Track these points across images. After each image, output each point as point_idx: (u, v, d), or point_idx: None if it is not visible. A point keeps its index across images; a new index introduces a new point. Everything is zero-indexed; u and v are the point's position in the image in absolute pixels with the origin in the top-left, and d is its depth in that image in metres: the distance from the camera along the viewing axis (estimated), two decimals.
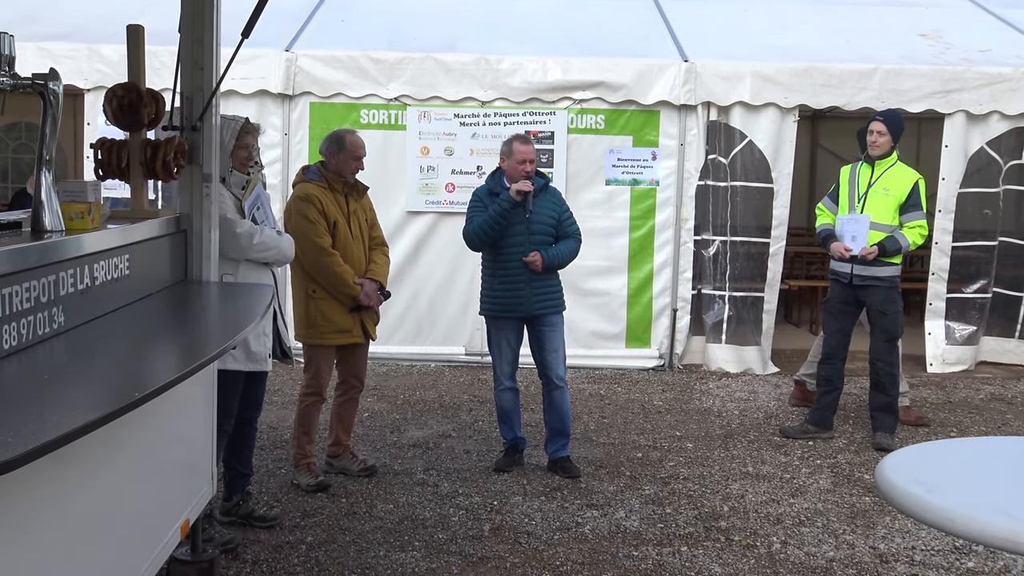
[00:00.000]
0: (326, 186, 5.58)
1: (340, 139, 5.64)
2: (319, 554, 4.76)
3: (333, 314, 5.58)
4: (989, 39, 9.44)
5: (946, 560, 4.87)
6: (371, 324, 5.78)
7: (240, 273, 4.79)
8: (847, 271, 6.66)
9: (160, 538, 3.65)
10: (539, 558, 4.78)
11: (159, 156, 4.21)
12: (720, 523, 5.30)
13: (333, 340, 5.64)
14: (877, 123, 6.67)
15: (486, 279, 6.06)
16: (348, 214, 5.64)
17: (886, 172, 6.63)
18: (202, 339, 3.65)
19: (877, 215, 6.57)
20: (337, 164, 5.60)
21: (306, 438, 5.70)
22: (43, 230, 3.34)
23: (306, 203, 5.50)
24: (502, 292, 5.95)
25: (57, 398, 2.52)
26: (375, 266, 5.76)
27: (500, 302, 5.98)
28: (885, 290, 6.61)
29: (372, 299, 5.65)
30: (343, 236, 5.58)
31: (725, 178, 8.82)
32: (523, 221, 5.86)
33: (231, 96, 8.31)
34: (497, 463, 6.10)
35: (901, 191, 6.57)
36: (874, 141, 6.63)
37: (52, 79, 3.42)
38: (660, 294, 8.85)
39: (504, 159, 5.95)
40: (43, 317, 3.00)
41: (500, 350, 6.05)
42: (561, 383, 6.06)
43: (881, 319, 6.64)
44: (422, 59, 8.63)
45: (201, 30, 4.35)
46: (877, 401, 6.76)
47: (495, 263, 5.96)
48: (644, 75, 8.60)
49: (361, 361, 5.88)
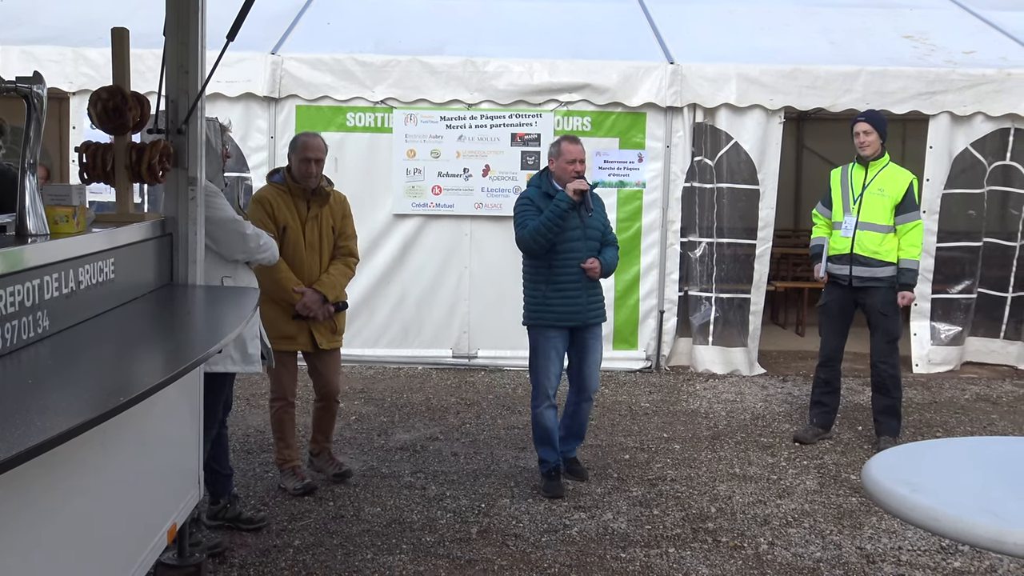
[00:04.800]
0: (285, 190, 5.48)
1: (295, 140, 5.59)
2: (306, 557, 4.75)
3: (276, 319, 5.46)
4: (973, 41, 9.48)
5: (932, 560, 4.88)
6: (321, 333, 5.60)
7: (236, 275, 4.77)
8: (846, 273, 6.62)
9: (147, 542, 3.63)
10: (527, 560, 4.78)
11: (144, 159, 4.19)
12: (707, 524, 5.31)
13: (279, 345, 5.47)
14: (861, 124, 6.65)
15: (538, 287, 5.69)
16: (304, 220, 5.51)
17: (880, 173, 6.62)
18: (187, 343, 3.64)
19: (873, 216, 6.56)
20: (292, 166, 5.51)
21: (283, 443, 5.66)
22: (27, 234, 3.33)
23: (256, 204, 5.46)
24: (559, 300, 5.66)
25: (42, 403, 2.51)
26: (326, 276, 5.57)
27: (557, 311, 5.67)
28: (885, 291, 6.57)
29: (311, 309, 5.47)
30: (292, 241, 5.46)
31: (711, 180, 8.84)
32: (579, 226, 5.64)
33: (217, 99, 8.29)
34: (550, 489, 5.68)
35: (896, 192, 6.55)
36: (862, 142, 6.62)
37: (36, 83, 3.41)
38: (647, 296, 8.87)
39: (552, 160, 5.71)
40: (27, 321, 2.99)
41: (549, 362, 5.71)
42: (593, 396, 5.92)
43: (883, 320, 6.61)
44: (408, 62, 8.63)
45: (186, 33, 4.34)
46: (880, 404, 6.74)
47: (551, 270, 5.64)
48: (630, 77, 8.62)
49: (330, 370, 5.74)
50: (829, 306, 6.81)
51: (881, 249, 6.55)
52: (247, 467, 5.82)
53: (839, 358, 6.85)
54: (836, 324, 6.79)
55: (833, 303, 6.77)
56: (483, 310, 8.84)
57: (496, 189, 8.71)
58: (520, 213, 5.68)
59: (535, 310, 5.74)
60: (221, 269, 4.69)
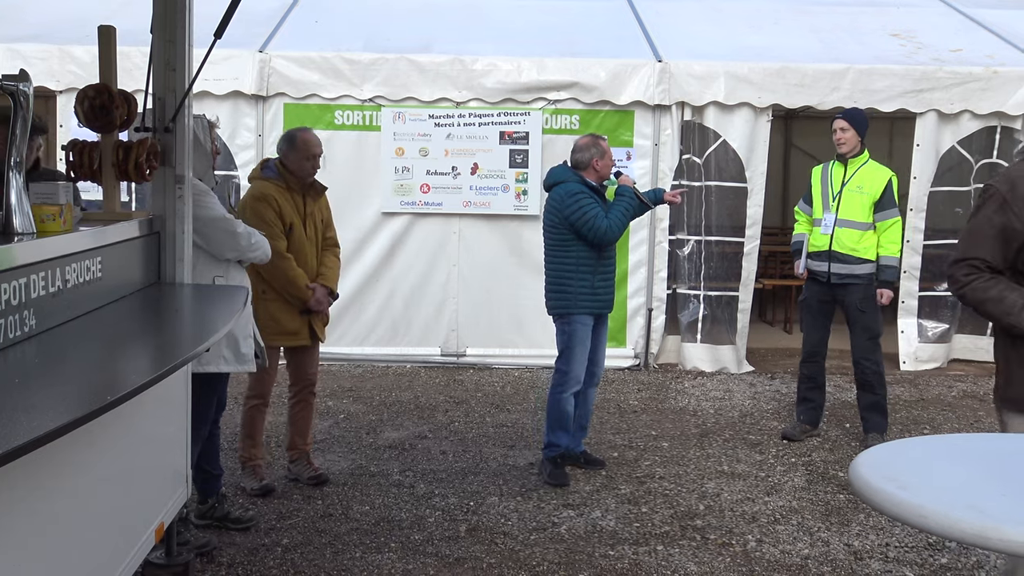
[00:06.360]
0: (284, 186, 5.45)
1: (292, 138, 5.51)
2: (295, 556, 4.75)
3: (281, 316, 5.47)
4: (960, 39, 9.52)
5: (920, 556, 4.90)
6: (319, 326, 5.67)
7: (228, 275, 4.76)
8: (824, 270, 6.68)
9: (134, 541, 3.62)
10: (515, 558, 4.79)
11: (131, 158, 4.18)
12: (696, 522, 5.32)
13: (279, 341, 5.53)
14: (839, 121, 6.73)
15: (584, 277, 5.83)
16: (304, 216, 5.53)
17: (859, 170, 6.66)
18: (175, 341, 3.63)
19: (852, 213, 6.60)
20: (291, 164, 5.48)
21: (250, 441, 5.62)
22: (14, 232, 3.31)
23: (263, 203, 5.37)
24: (604, 289, 5.91)
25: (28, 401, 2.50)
26: (326, 270, 5.64)
27: (603, 299, 5.91)
28: (863, 288, 6.61)
29: (323, 304, 5.58)
30: (298, 239, 5.47)
31: (699, 178, 8.85)
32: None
33: (204, 97, 8.26)
34: (556, 477, 5.85)
35: (875, 189, 6.59)
36: (839, 139, 6.68)
37: (22, 80, 3.39)
38: (635, 294, 8.88)
39: (597, 160, 5.87)
40: (14, 320, 2.97)
41: (585, 348, 5.91)
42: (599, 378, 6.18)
43: (861, 317, 6.64)
44: (396, 60, 8.62)
45: (173, 31, 4.32)
46: (865, 401, 6.77)
47: (600, 260, 5.87)
48: (618, 75, 8.62)
49: (311, 362, 5.78)
50: (809, 301, 6.88)
51: (860, 246, 6.59)
52: (235, 466, 5.81)
53: (822, 353, 6.88)
54: (817, 319, 6.84)
55: (813, 299, 6.84)
56: (472, 308, 8.85)
57: (484, 187, 8.71)
58: (584, 207, 5.76)
59: (581, 299, 5.87)
60: (213, 269, 4.67)
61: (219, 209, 4.66)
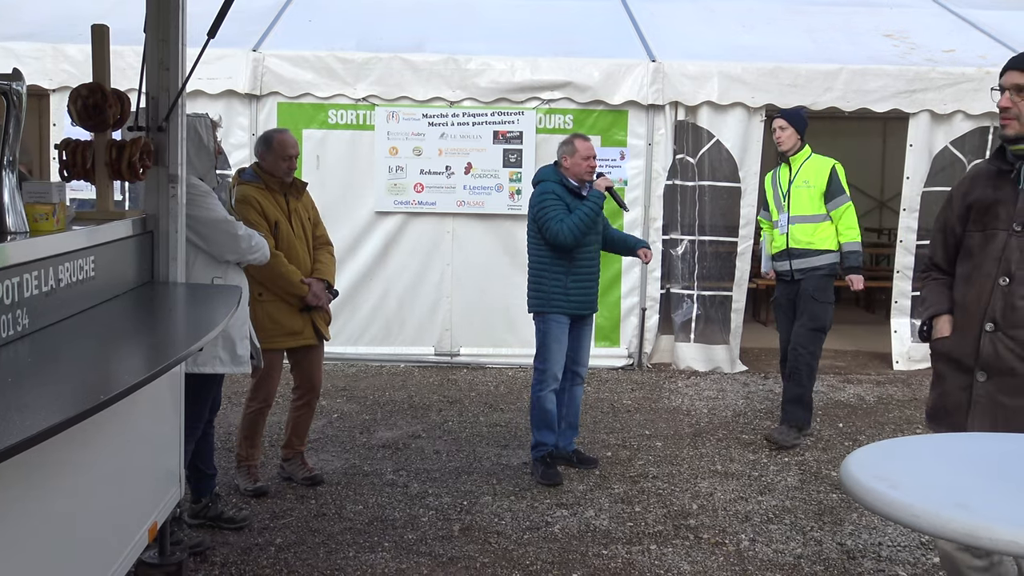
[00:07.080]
0: (263, 186, 5.44)
1: (268, 139, 5.51)
2: (288, 556, 4.75)
3: (281, 316, 5.46)
4: (953, 39, 9.54)
5: (912, 556, 4.92)
6: (323, 324, 5.67)
7: (227, 276, 4.75)
8: (787, 268, 6.80)
9: (127, 541, 3.62)
10: (509, 558, 4.79)
11: (125, 157, 4.17)
12: (689, 521, 5.32)
13: (283, 343, 5.51)
14: (778, 120, 6.87)
15: (557, 277, 5.87)
16: (289, 213, 5.51)
17: (803, 166, 6.80)
18: (168, 341, 3.63)
19: (802, 208, 6.73)
20: (268, 165, 5.46)
21: (249, 442, 5.62)
22: (7, 231, 3.31)
23: (244, 205, 5.35)
24: (577, 290, 5.90)
25: (21, 401, 2.49)
26: (321, 265, 5.64)
27: (576, 300, 5.91)
28: (818, 278, 6.69)
29: (321, 298, 5.55)
30: (286, 236, 5.46)
31: (693, 177, 8.87)
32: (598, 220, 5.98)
33: (198, 96, 8.26)
34: (548, 477, 5.87)
35: (820, 181, 6.72)
36: (778, 138, 6.83)
37: (16, 79, 3.39)
38: (629, 293, 8.89)
39: (567, 158, 5.92)
40: (7, 319, 2.97)
41: (561, 347, 5.94)
42: (583, 378, 6.20)
43: (810, 304, 6.67)
44: (390, 59, 8.62)
45: (167, 30, 4.32)
46: (789, 392, 6.81)
47: (572, 262, 5.88)
48: (612, 75, 8.63)
49: (315, 365, 5.75)
50: (779, 301, 6.99)
51: (815, 238, 6.70)
52: (229, 465, 5.81)
53: None
54: (788, 317, 6.90)
55: (782, 297, 6.94)
56: (465, 308, 8.85)
57: (478, 187, 8.71)
58: (548, 208, 5.83)
59: (553, 298, 5.92)
60: (212, 270, 4.66)
61: (221, 211, 4.65)
